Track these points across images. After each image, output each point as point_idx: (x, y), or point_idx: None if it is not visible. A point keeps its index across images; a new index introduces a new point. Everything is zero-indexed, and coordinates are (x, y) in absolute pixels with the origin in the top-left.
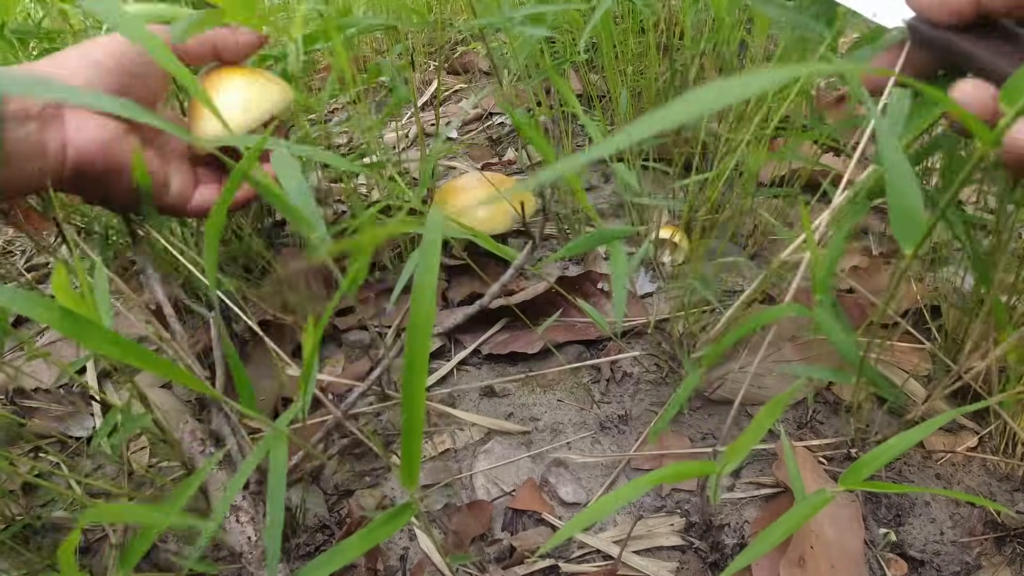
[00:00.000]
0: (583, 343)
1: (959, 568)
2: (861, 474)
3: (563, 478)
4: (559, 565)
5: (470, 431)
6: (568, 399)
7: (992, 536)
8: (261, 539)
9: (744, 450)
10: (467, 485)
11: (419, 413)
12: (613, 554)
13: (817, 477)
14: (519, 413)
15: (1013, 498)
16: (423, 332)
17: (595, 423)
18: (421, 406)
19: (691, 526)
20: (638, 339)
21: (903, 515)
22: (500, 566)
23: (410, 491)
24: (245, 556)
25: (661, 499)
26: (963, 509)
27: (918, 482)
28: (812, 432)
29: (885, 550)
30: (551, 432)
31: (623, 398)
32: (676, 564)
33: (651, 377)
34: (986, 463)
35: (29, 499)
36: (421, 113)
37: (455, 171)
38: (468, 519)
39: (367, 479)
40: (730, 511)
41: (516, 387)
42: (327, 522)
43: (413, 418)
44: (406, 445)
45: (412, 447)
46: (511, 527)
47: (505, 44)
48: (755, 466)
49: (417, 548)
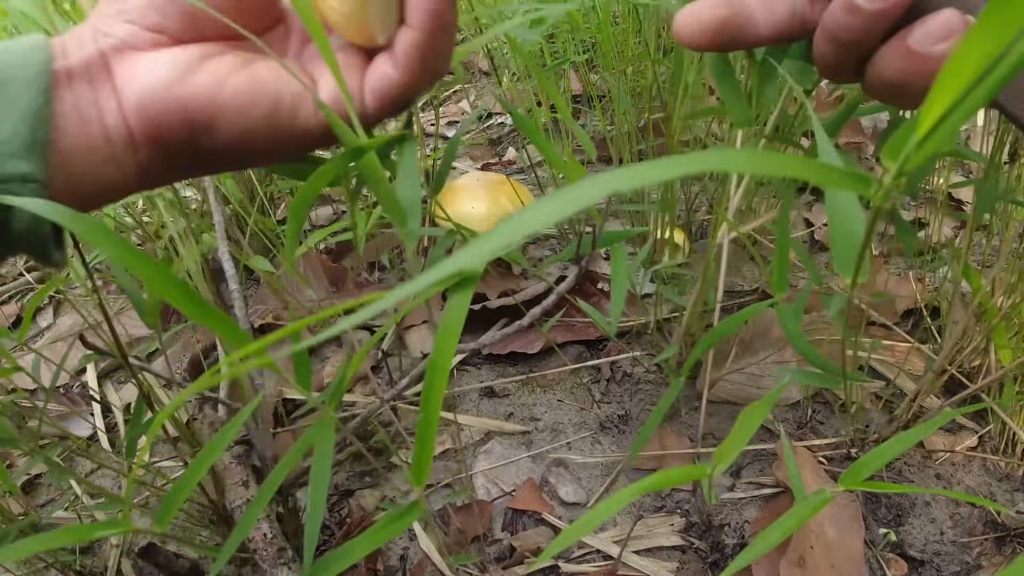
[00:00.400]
0: (583, 343)
1: (959, 568)
2: (861, 474)
3: (563, 478)
4: (559, 565)
5: (470, 431)
6: (568, 399)
7: (992, 536)
8: (277, 536)
9: (732, 452)
10: (467, 485)
11: (434, 418)
12: (613, 554)
13: (817, 477)
14: (519, 413)
15: (1013, 498)
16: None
17: (595, 423)
18: (437, 411)
19: (691, 526)
20: (638, 339)
21: (903, 515)
22: (500, 566)
23: (418, 490)
24: (259, 553)
25: (661, 499)
26: (963, 509)
27: (918, 482)
28: (812, 432)
29: (885, 550)
30: (551, 432)
31: (623, 398)
32: (676, 564)
33: (651, 377)
34: (986, 463)
35: (29, 499)
36: (420, 113)
37: (455, 171)
38: (468, 519)
39: (367, 479)
40: (730, 511)
41: (516, 387)
42: (327, 522)
43: (429, 421)
44: (419, 446)
45: (424, 448)
46: (511, 527)
47: (505, 44)
48: (755, 466)
49: (417, 548)
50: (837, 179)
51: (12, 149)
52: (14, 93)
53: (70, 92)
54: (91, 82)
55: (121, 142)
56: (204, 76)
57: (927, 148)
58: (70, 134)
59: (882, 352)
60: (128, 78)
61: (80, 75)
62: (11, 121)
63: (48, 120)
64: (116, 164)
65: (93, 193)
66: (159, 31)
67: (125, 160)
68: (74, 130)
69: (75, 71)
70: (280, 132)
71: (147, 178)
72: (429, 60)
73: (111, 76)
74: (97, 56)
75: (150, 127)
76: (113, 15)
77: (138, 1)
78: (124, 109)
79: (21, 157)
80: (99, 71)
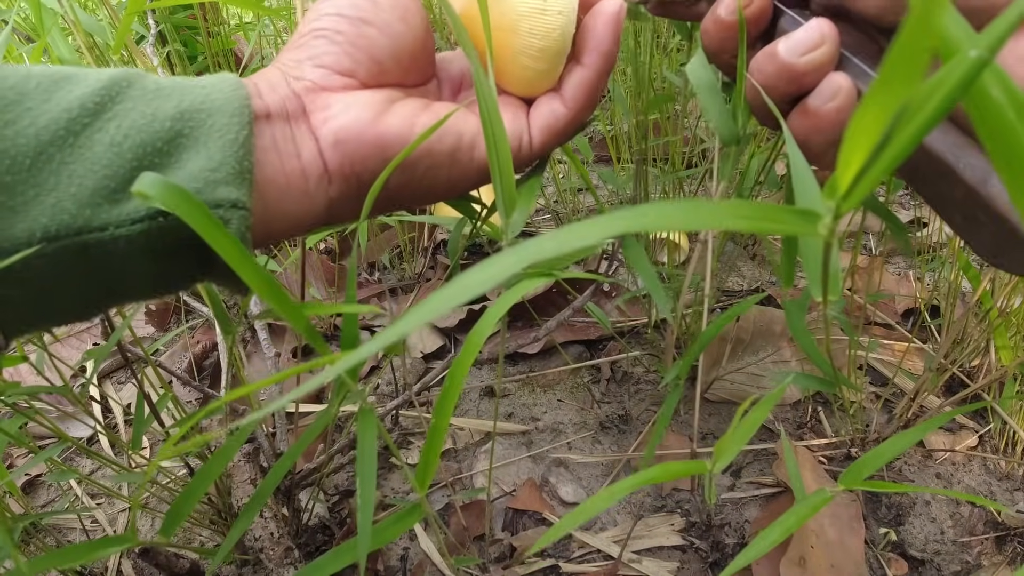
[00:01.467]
0: (583, 343)
1: (959, 567)
2: (861, 473)
3: (563, 478)
4: (559, 565)
5: (470, 431)
6: (568, 399)
7: (992, 535)
8: (284, 536)
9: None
10: (467, 485)
11: (444, 424)
12: (613, 554)
13: (817, 476)
14: (519, 413)
15: (1013, 497)
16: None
17: (595, 423)
18: (448, 418)
19: (691, 526)
20: (638, 339)
21: (903, 514)
22: (500, 566)
23: (421, 494)
24: (266, 552)
25: (661, 499)
26: (963, 508)
27: (918, 481)
28: (812, 431)
29: (885, 549)
30: (551, 432)
31: (623, 398)
32: (676, 564)
33: (651, 377)
34: (986, 462)
35: (30, 499)
36: None
37: None
38: (468, 519)
39: None
40: (730, 510)
41: (516, 387)
42: (327, 522)
43: (438, 428)
44: (426, 451)
45: (431, 454)
46: (511, 527)
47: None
48: (755, 466)
49: (418, 548)
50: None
51: (222, 176)
52: (221, 124)
53: (268, 127)
54: (288, 119)
55: (315, 176)
56: (396, 116)
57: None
58: (268, 167)
59: (882, 351)
60: (324, 116)
61: (278, 112)
62: (220, 150)
63: (252, 152)
64: (308, 198)
65: (282, 226)
66: (350, 75)
67: (317, 194)
68: (272, 163)
69: (273, 108)
70: (460, 167)
71: (332, 212)
72: (595, 96)
73: (307, 115)
74: (292, 95)
75: (346, 162)
76: (304, 59)
77: (331, 47)
78: (321, 145)
79: (231, 184)
80: (296, 109)
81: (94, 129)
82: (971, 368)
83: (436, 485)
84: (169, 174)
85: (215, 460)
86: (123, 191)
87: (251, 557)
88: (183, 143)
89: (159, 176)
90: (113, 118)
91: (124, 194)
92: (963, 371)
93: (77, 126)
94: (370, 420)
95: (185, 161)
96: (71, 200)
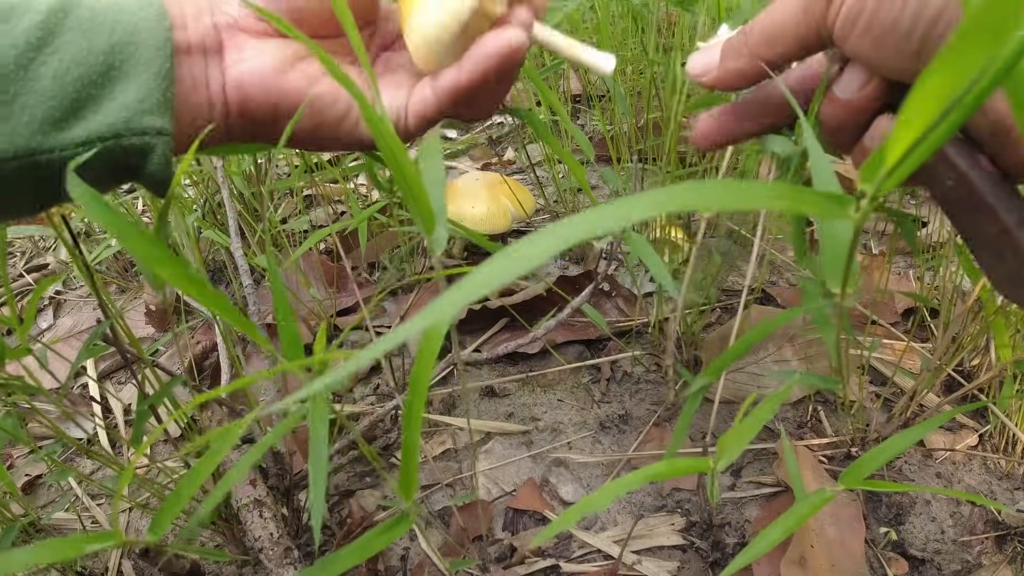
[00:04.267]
0: (583, 343)
1: (960, 567)
2: (861, 473)
3: (563, 478)
4: (560, 564)
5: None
6: (568, 399)
7: (993, 535)
8: (283, 536)
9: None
10: (467, 485)
11: (415, 437)
12: (614, 554)
13: (818, 476)
14: (519, 413)
15: (1013, 496)
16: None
17: (595, 423)
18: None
19: (692, 525)
20: (638, 339)
21: (904, 514)
22: (501, 566)
23: (408, 503)
24: (265, 552)
25: (662, 498)
26: (963, 508)
27: (918, 481)
28: (812, 431)
29: (886, 549)
30: (551, 432)
31: (623, 398)
32: (677, 563)
33: (651, 377)
34: (986, 462)
35: (29, 499)
36: None
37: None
38: (467, 520)
39: (367, 480)
40: (731, 510)
41: (516, 387)
42: (328, 522)
43: (410, 441)
44: (405, 461)
45: (409, 463)
46: (512, 527)
47: None
48: (756, 465)
49: (418, 548)
50: (818, 207)
51: (148, 107)
52: (146, 56)
53: (187, 59)
54: (204, 54)
55: (218, 106)
56: (297, 75)
57: (896, 176)
58: (182, 95)
59: (883, 351)
60: (235, 58)
61: (197, 46)
62: (146, 82)
63: (173, 83)
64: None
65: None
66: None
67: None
68: (187, 91)
69: (193, 42)
70: (343, 134)
71: (231, 137)
72: (463, 100)
73: (222, 52)
74: (213, 29)
75: (244, 103)
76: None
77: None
78: (227, 83)
79: (155, 113)
80: (213, 44)
81: (39, 63)
82: (971, 367)
83: (436, 485)
84: (104, 104)
85: (207, 459)
86: (66, 120)
87: (251, 557)
88: (115, 75)
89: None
90: (55, 52)
91: (67, 122)
92: (963, 370)
93: (24, 60)
94: (322, 408)
95: (118, 93)
96: (24, 127)
